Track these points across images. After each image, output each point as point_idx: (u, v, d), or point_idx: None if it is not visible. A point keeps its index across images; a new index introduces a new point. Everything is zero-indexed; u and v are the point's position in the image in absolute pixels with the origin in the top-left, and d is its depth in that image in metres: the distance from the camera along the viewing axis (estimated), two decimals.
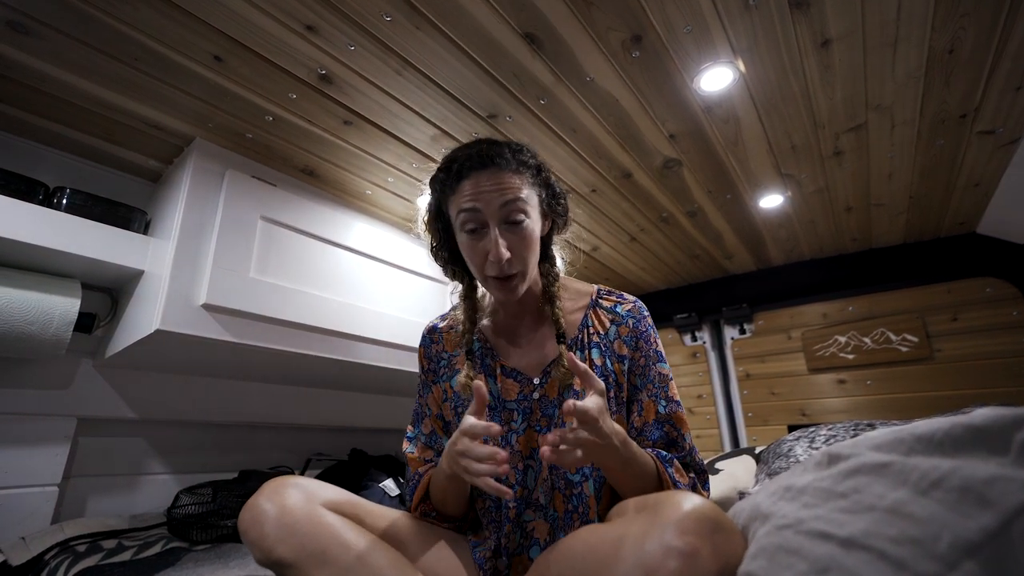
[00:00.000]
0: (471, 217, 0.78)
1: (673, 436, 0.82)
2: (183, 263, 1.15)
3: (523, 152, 0.82)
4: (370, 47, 1.03)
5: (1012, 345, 1.78)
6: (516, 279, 0.79)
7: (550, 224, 0.88)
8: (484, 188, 0.77)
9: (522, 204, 0.77)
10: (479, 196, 0.77)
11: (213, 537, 1.15)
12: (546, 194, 0.85)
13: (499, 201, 0.76)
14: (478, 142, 0.82)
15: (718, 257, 2.20)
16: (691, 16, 0.98)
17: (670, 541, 0.48)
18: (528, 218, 0.78)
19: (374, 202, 1.61)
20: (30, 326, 1.09)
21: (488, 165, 0.78)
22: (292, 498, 0.70)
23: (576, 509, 0.79)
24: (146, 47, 1.01)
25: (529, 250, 0.79)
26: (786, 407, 2.16)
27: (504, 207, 0.77)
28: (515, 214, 0.77)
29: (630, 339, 0.85)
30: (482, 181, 0.77)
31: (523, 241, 0.78)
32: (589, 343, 0.85)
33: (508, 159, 0.79)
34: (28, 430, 1.21)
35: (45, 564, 1.01)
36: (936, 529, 0.37)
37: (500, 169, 0.78)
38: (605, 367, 0.83)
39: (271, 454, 1.72)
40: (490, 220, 0.77)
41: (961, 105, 1.24)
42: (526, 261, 0.79)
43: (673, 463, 0.78)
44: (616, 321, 0.86)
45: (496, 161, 0.78)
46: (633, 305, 0.89)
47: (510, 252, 0.76)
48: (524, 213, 0.78)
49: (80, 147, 1.32)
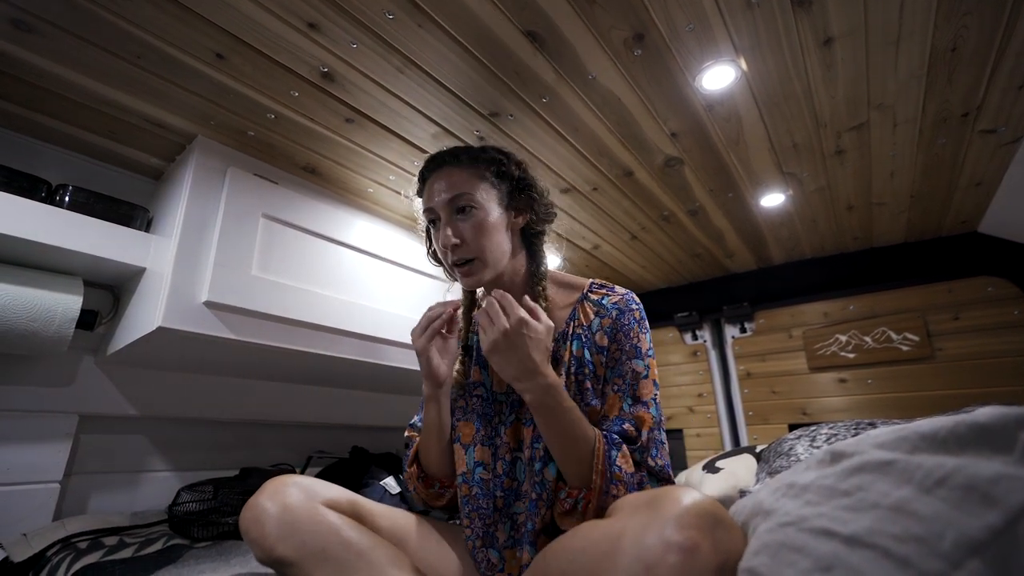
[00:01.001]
0: (430, 215, 0.89)
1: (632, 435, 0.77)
2: (185, 260, 1.15)
3: (485, 151, 0.90)
4: (372, 45, 1.03)
5: (1013, 344, 1.78)
6: (473, 265, 0.85)
7: (525, 218, 0.90)
8: (436, 187, 0.87)
9: (468, 196, 0.85)
10: (432, 195, 0.87)
11: (214, 534, 1.15)
12: (509, 187, 0.89)
13: (447, 196, 0.85)
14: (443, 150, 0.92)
15: (719, 256, 2.20)
16: (693, 14, 0.98)
17: (670, 536, 0.48)
18: (478, 208, 0.85)
19: (376, 200, 1.61)
20: (32, 323, 1.10)
21: (441, 166, 0.88)
22: (293, 497, 0.70)
23: (540, 496, 0.77)
24: (148, 44, 1.01)
25: (483, 237, 0.84)
26: (787, 406, 2.16)
27: (451, 201, 0.85)
28: (462, 203, 0.85)
29: (610, 330, 0.84)
30: (436, 181, 0.87)
31: (473, 229, 0.84)
32: (571, 335, 0.85)
33: (460, 158, 0.88)
34: (30, 427, 1.21)
35: (47, 561, 1.01)
36: (941, 527, 0.37)
37: (451, 167, 0.87)
38: (582, 358, 0.83)
39: (272, 452, 1.72)
40: (441, 213, 0.86)
41: (963, 104, 1.24)
42: (481, 248, 0.84)
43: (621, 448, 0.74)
44: (600, 313, 0.86)
45: (448, 161, 0.88)
46: (620, 297, 0.87)
47: (459, 239, 0.83)
48: (472, 203, 0.84)
49: (82, 144, 1.32)
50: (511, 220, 0.89)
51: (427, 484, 0.89)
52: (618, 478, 0.72)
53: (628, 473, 0.73)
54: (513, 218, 0.89)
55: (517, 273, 0.91)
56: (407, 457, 0.93)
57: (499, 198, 0.87)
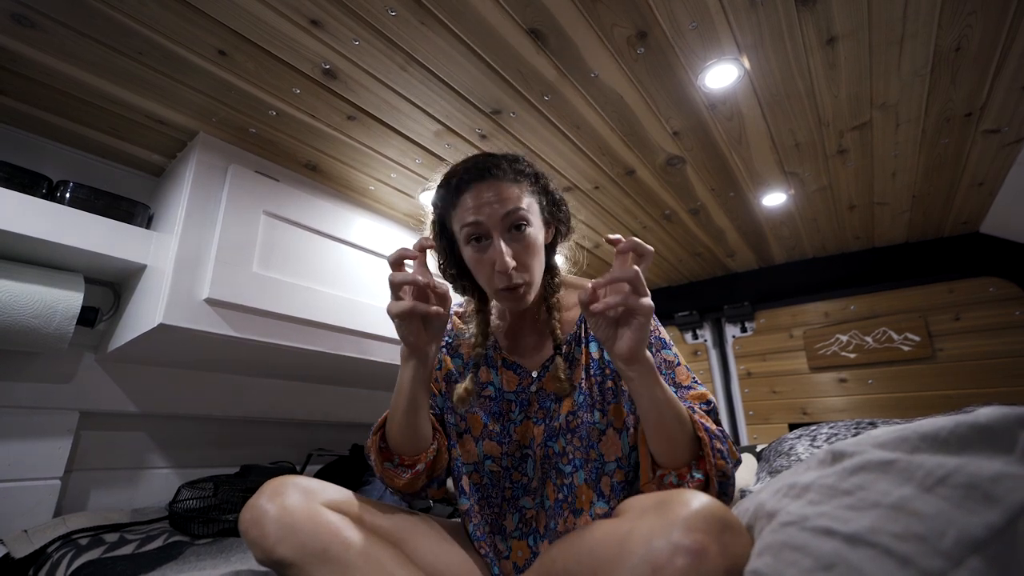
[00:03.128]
0: (475, 230, 0.78)
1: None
2: (186, 258, 1.15)
3: (519, 162, 0.83)
4: (375, 42, 1.03)
5: (1014, 345, 1.77)
6: (523, 288, 0.78)
7: (553, 232, 0.88)
8: (485, 199, 0.77)
9: (524, 213, 0.78)
10: (481, 208, 0.77)
11: (214, 531, 1.16)
12: (546, 201, 0.85)
13: (501, 211, 0.76)
14: (474, 156, 0.83)
15: (720, 255, 2.20)
16: (697, 13, 0.98)
17: (678, 539, 0.47)
18: (531, 226, 0.79)
19: (377, 198, 1.61)
20: (33, 319, 1.10)
21: (486, 177, 0.78)
22: (292, 498, 0.70)
23: (566, 499, 0.79)
24: (150, 41, 1.01)
25: (534, 258, 0.79)
26: (787, 405, 2.16)
27: (506, 217, 0.77)
28: (518, 223, 0.77)
29: None
30: (483, 192, 0.77)
31: (527, 250, 0.78)
32: (586, 338, 0.85)
33: (505, 170, 0.79)
34: (31, 423, 1.21)
35: (48, 557, 1.01)
36: (942, 526, 0.37)
37: (498, 180, 0.78)
38: (602, 359, 0.83)
39: (272, 449, 1.72)
40: (493, 231, 0.77)
41: (966, 103, 1.23)
42: (532, 269, 0.79)
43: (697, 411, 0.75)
44: None
45: (493, 172, 0.78)
46: None
47: (516, 261, 0.76)
48: (526, 221, 0.78)
49: (84, 141, 1.32)
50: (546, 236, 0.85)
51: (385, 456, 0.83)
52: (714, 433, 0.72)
53: (718, 429, 0.73)
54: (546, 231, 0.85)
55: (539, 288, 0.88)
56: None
57: (540, 213, 0.83)
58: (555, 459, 0.82)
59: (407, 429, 0.79)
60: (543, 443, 0.82)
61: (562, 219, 0.88)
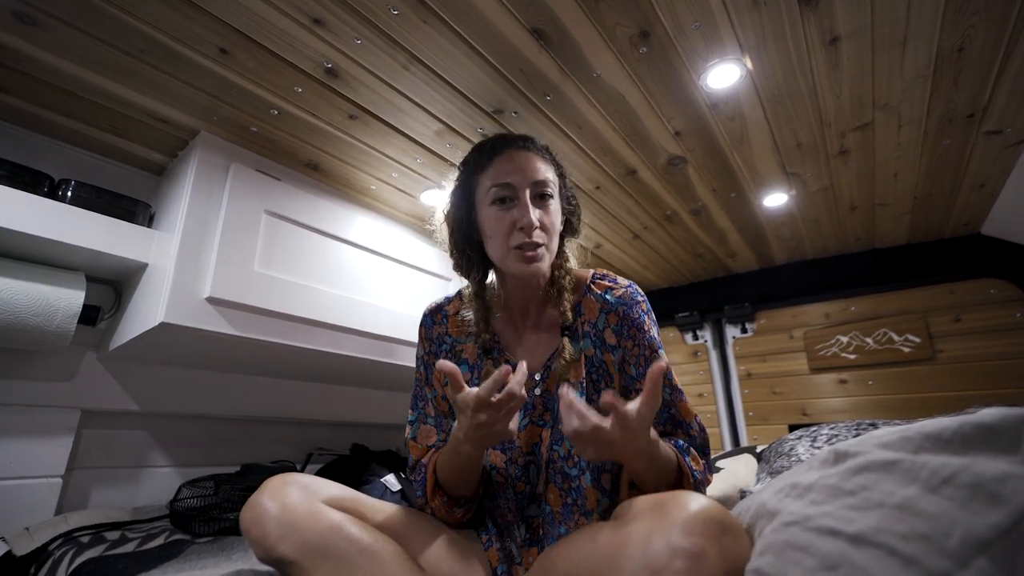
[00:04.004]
0: (503, 191, 0.81)
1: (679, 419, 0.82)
2: (187, 256, 1.15)
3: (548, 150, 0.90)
4: (377, 41, 1.02)
5: (1015, 347, 1.77)
6: (541, 249, 0.81)
7: (564, 221, 0.91)
8: (518, 164, 0.82)
9: (552, 185, 0.84)
10: (514, 170, 0.82)
11: (215, 530, 1.16)
12: (565, 190, 0.91)
13: (532, 178, 0.81)
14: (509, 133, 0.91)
15: (721, 255, 2.20)
16: (699, 12, 0.98)
17: (677, 542, 0.47)
18: (555, 199, 0.85)
19: (378, 197, 1.61)
20: (35, 318, 1.10)
21: (521, 147, 0.85)
22: (293, 496, 0.70)
23: (575, 502, 0.79)
24: (152, 39, 1.01)
25: (554, 227, 0.84)
26: (787, 406, 2.16)
27: (536, 184, 0.82)
28: (547, 190, 0.82)
29: (620, 328, 0.84)
30: (517, 157, 0.83)
31: (550, 217, 0.82)
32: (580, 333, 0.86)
33: (539, 147, 0.87)
34: (32, 421, 1.21)
35: (49, 555, 1.01)
36: (947, 526, 0.37)
37: (531, 152, 0.85)
38: (595, 357, 0.84)
39: (273, 448, 1.72)
40: (521, 192, 0.81)
41: (969, 105, 1.23)
42: (551, 236, 0.83)
43: (690, 452, 0.78)
44: (605, 309, 0.85)
45: (528, 145, 0.86)
46: (624, 291, 0.86)
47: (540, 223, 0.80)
48: (554, 193, 0.84)
49: (85, 139, 1.32)
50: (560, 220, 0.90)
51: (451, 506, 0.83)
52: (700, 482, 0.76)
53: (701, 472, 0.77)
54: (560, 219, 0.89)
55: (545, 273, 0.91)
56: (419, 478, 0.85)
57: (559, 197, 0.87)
58: (560, 463, 0.81)
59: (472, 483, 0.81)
60: (549, 446, 0.82)
61: (574, 211, 0.92)
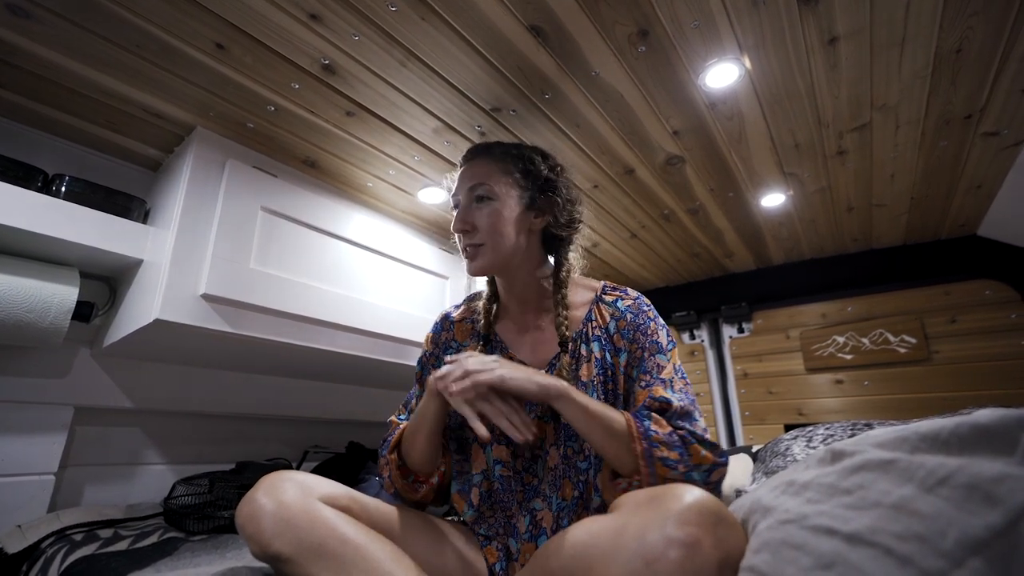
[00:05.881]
0: (454, 200, 0.94)
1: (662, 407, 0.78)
2: (183, 253, 1.14)
3: (520, 148, 0.93)
4: (375, 37, 1.02)
5: (1010, 348, 1.78)
6: (479, 251, 0.89)
7: (544, 220, 0.92)
8: (463, 175, 0.93)
9: (488, 187, 0.89)
10: (458, 183, 0.93)
11: (210, 528, 1.15)
12: (535, 186, 0.91)
13: (469, 184, 0.90)
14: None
15: (718, 255, 2.20)
16: (699, 11, 0.98)
17: (671, 532, 0.48)
18: (494, 199, 0.88)
19: (375, 195, 1.60)
20: (28, 314, 1.09)
21: (474, 157, 0.94)
22: (289, 493, 0.70)
23: (581, 496, 0.81)
24: (148, 34, 1.00)
25: (493, 227, 0.88)
26: (783, 406, 2.17)
27: (472, 188, 0.90)
28: (480, 192, 0.89)
29: (627, 332, 0.87)
30: (466, 170, 0.93)
31: (486, 217, 0.88)
32: (591, 337, 0.88)
33: (493, 152, 0.93)
34: (25, 418, 1.21)
35: (41, 552, 1.01)
36: (942, 526, 0.37)
37: (483, 158, 0.92)
38: (604, 359, 0.86)
39: (268, 446, 1.72)
40: (463, 199, 0.91)
41: (966, 106, 1.24)
42: (490, 235, 0.88)
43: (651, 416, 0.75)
44: (616, 316, 0.89)
45: (481, 152, 0.93)
46: (634, 301, 0.91)
47: (470, 226, 0.88)
48: (490, 194, 0.89)
49: (80, 134, 1.31)
50: (530, 220, 0.91)
51: (404, 474, 0.89)
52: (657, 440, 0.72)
53: (665, 433, 0.72)
54: (533, 218, 0.91)
55: (532, 275, 0.93)
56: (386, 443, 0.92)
57: (520, 195, 0.90)
58: (573, 458, 0.83)
59: (428, 452, 0.86)
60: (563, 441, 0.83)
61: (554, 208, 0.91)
